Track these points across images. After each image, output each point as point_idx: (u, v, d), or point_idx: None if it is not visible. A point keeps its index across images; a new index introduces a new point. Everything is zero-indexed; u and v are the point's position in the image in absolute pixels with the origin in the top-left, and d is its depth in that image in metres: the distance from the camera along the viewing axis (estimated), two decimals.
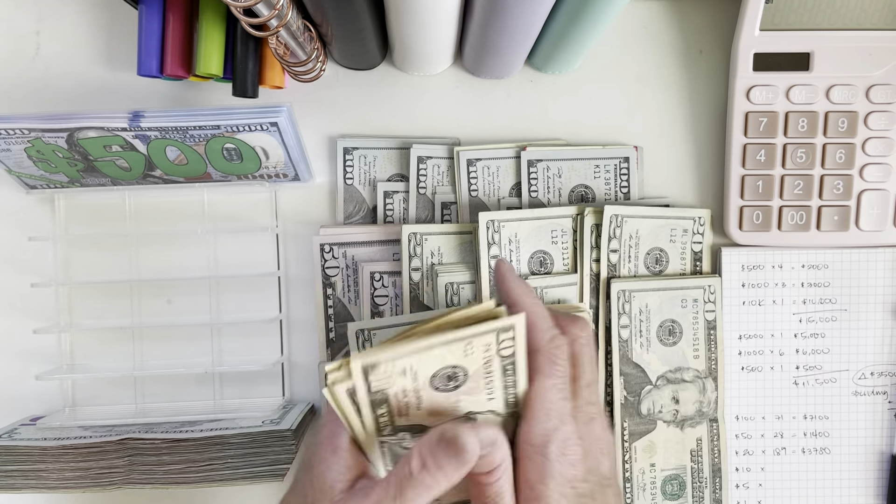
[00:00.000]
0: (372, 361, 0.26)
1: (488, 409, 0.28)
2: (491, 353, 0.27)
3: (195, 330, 0.46)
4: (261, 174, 0.44)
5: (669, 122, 0.47)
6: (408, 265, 0.44)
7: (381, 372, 0.26)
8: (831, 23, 0.43)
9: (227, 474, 0.41)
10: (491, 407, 0.28)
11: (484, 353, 0.27)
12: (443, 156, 0.46)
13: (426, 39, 0.40)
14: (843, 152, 0.44)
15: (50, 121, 0.39)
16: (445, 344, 0.26)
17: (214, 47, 0.42)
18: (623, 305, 0.44)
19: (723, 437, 0.45)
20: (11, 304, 0.46)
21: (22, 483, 0.41)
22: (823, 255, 0.46)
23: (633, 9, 0.46)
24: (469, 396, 0.28)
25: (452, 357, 0.27)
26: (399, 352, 0.26)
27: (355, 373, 0.26)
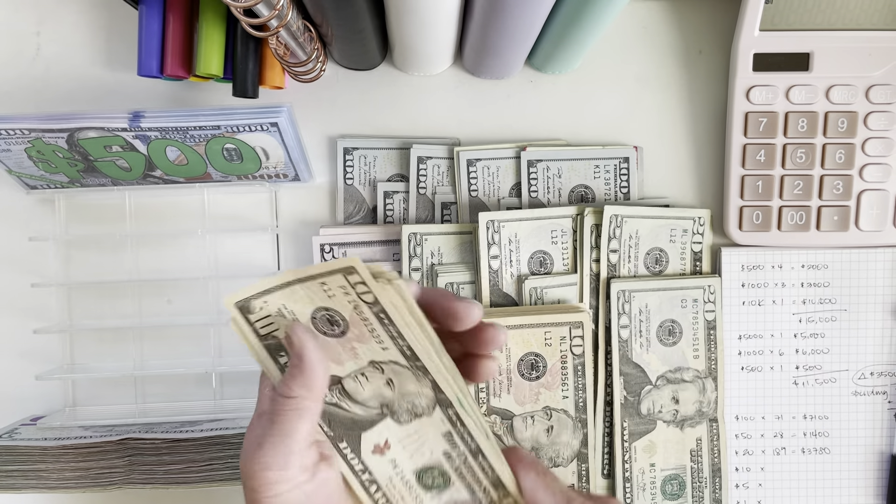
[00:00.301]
0: (243, 296, 0.27)
1: (388, 359, 0.29)
2: (353, 298, 0.27)
3: (195, 330, 0.46)
4: (261, 174, 0.44)
5: (669, 122, 0.47)
6: (408, 265, 0.44)
7: (257, 311, 0.28)
8: (831, 23, 0.43)
9: (227, 474, 0.41)
10: (391, 357, 0.29)
11: (346, 297, 0.27)
12: (443, 156, 0.46)
13: (426, 39, 0.40)
14: (842, 152, 0.44)
15: (50, 121, 0.39)
16: (300, 280, 0.27)
17: (214, 47, 0.42)
18: (623, 305, 0.44)
19: (722, 437, 0.45)
20: (11, 304, 0.46)
21: (22, 483, 0.41)
22: (823, 256, 0.46)
23: (632, 9, 0.46)
24: (362, 344, 0.28)
25: (318, 298, 0.27)
26: (262, 285, 0.27)
27: (234, 314, 0.28)
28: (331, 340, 0.28)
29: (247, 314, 0.28)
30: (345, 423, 0.30)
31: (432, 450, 0.30)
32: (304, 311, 0.28)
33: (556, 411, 0.43)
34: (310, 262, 0.46)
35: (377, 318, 0.27)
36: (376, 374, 0.29)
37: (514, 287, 0.44)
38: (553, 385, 0.43)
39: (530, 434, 0.43)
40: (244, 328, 0.28)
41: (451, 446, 0.29)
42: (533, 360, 0.43)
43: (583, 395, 0.43)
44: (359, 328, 0.28)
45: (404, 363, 0.28)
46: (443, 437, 0.29)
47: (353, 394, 0.30)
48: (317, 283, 0.27)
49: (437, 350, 0.28)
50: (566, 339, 0.43)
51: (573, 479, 0.44)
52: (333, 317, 0.28)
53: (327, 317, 0.28)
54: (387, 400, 0.30)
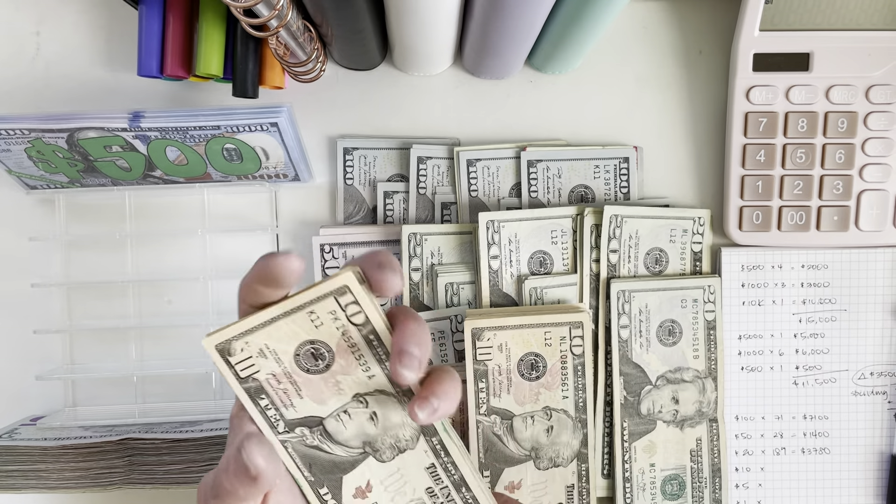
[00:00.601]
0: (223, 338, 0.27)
1: (374, 388, 0.28)
2: (343, 322, 0.27)
3: (195, 330, 0.46)
4: (261, 174, 0.44)
5: (669, 122, 0.47)
6: (408, 265, 0.44)
7: (238, 354, 0.27)
8: (831, 23, 0.43)
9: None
10: (376, 386, 0.28)
11: (334, 323, 0.27)
12: (443, 156, 0.46)
13: (426, 39, 0.40)
14: (842, 152, 0.44)
15: (50, 121, 0.39)
16: (286, 314, 0.26)
17: (214, 48, 0.42)
18: (623, 305, 0.44)
19: (722, 437, 0.45)
20: (12, 305, 0.46)
21: (22, 483, 0.41)
22: (823, 256, 0.46)
23: (632, 9, 0.46)
24: (347, 376, 0.28)
25: (303, 330, 0.27)
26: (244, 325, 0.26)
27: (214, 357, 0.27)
28: (314, 378, 0.28)
29: (227, 356, 0.27)
30: (325, 467, 0.29)
31: (415, 488, 0.29)
32: (286, 350, 0.27)
33: (555, 411, 0.43)
34: (310, 262, 0.46)
35: (366, 341, 0.27)
36: (359, 409, 0.29)
37: (514, 287, 0.44)
38: (553, 385, 0.43)
39: (530, 434, 0.43)
40: (224, 370, 0.27)
41: (434, 481, 0.29)
42: (533, 360, 0.43)
43: (583, 395, 0.43)
44: (345, 358, 0.28)
45: (390, 390, 0.28)
46: (426, 472, 0.29)
47: (334, 434, 0.29)
48: (304, 312, 0.26)
49: None
50: (566, 339, 0.43)
51: (573, 479, 0.44)
52: (319, 349, 0.27)
53: (311, 351, 0.27)
54: (370, 437, 0.29)
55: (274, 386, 0.28)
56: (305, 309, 0.26)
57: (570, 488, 0.44)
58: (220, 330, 0.27)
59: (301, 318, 0.27)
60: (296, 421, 0.29)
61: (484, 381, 0.42)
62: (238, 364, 0.27)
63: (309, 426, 0.29)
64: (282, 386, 0.28)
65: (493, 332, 0.42)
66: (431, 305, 0.45)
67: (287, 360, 0.28)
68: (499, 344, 0.42)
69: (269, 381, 0.28)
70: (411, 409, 0.26)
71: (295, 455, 0.29)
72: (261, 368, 0.28)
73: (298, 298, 0.26)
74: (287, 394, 0.28)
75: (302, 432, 0.29)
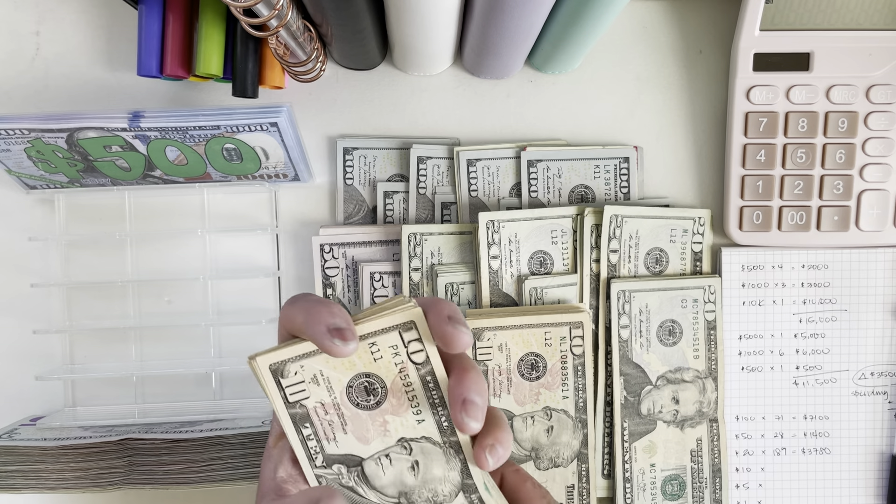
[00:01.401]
0: (279, 358, 0.25)
1: (422, 434, 0.27)
2: (402, 359, 0.26)
3: (195, 330, 0.46)
4: (261, 174, 0.44)
5: (669, 122, 0.47)
6: (408, 265, 0.44)
7: (292, 377, 0.26)
8: (831, 23, 0.43)
9: (227, 474, 0.41)
10: (424, 432, 0.27)
11: (394, 358, 0.26)
12: (443, 156, 0.46)
13: (426, 39, 0.40)
14: (843, 152, 0.44)
15: (50, 121, 0.39)
16: None
17: (214, 47, 0.42)
18: (623, 305, 0.44)
19: (723, 438, 0.45)
20: (11, 305, 0.46)
21: (22, 483, 0.41)
22: (823, 256, 0.46)
23: (632, 9, 0.46)
24: (395, 417, 0.27)
25: (362, 362, 0.26)
26: (304, 347, 0.25)
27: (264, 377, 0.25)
28: (362, 414, 0.27)
29: (279, 377, 0.26)
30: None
31: None
32: (341, 379, 0.26)
33: (556, 411, 0.43)
34: (310, 262, 0.46)
35: (422, 382, 0.26)
36: (402, 455, 0.28)
37: (514, 287, 0.44)
38: (553, 385, 0.43)
39: (530, 434, 0.43)
40: (273, 392, 0.26)
41: None
42: (533, 361, 0.43)
43: (583, 395, 0.43)
44: (397, 397, 0.26)
45: (437, 439, 0.27)
46: None
47: (371, 478, 0.28)
48: (366, 343, 0.25)
49: None
50: (566, 340, 0.43)
51: (573, 480, 0.44)
52: (372, 384, 0.26)
53: (365, 385, 0.26)
54: (407, 488, 0.28)
55: (320, 416, 0.27)
56: (368, 340, 0.25)
57: (571, 488, 0.44)
58: (273, 350, 0.25)
59: (361, 348, 0.25)
60: (335, 457, 0.27)
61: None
62: (289, 387, 0.26)
63: (347, 465, 0.28)
64: (328, 417, 0.27)
65: (493, 332, 0.42)
66: None
67: (339, 390, 0.26)
68: (499, 344, 0.42)
69: (316, 409, 0.27)
70: (480, 457, 0.26)
71: None
72: (311, 395, 0.26)
73: (362, 327, 0.25)
74: (332, 426, 0.27)
75: (339, 470, 0.28)
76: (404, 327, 0.25)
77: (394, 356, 0.26)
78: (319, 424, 0.27)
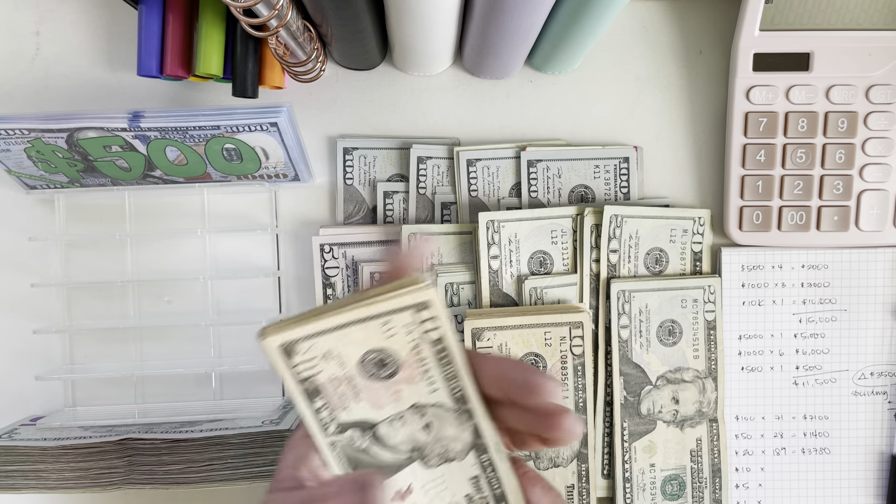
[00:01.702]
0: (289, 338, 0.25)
1: (433, 401, 0.27)
2: (416, 336, 0.26)
3: (195, 330, 0.46)
4: (261, 174, 0.44)
5: (669, 122, 0.47)
6: None
7: (302, 355, 0.26)
8: (831, 23, 0.43)
9: (227, 474, 0.41)
10: (435, 399, 0.27)
11: (407, 336, 0.26)
12: (443, 156, 0.46)
13: (426, 40, 0.40)
14: (842, 152, 0.44)
15: (50, 121, 0.39)
16: (360, 321, 0.25)
17: (214, 47, 0.42)
18: (623, 305, 0.44)
19: (722, 437, 0.45)
20: (11, 305, 0.46)
21: (22, 483, 0.41)
22: (823, 256, 0.46)
23: (632, 9, 0.46)
24: (409, 385, 0.27)
25: (374, 338, 0.26)
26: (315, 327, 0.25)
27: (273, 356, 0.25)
28: (375, 384, 0.27)
29: (289, 355, 0.26)
30: None
31: (454, 493, 0.29)
32: (353, 355, 0.26)
33: None
34: (310, 262, 0.46)
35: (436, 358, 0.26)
36: (415, 417, 0.28)
37: (514, 287, 0.44)
38: None
39: None
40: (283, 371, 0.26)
41: (475, 490, 0.28)
42: (533, 360, 0.43)
43: (583, 395, 0.43)
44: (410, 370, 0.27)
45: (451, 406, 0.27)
46: (469, 482, 0.28)
47: (384, 439, 0.28)
48: (379, 322, 0.25)
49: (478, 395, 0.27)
50: (566, 340, 0.43)
51: (573, 479, 0.44)
52: (385, 360, 0.27)
53: (378, 359, 0.27)
54: (419, 444, 0.28)
55: (332, 389, 0.27)
56: (381, 318, 0.25)
57: (570, 488, 0.44)
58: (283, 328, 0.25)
59: (374, 326, 0.25)
60: (348, 424, 0.28)
61: None
62: (300, 364, 0.26)
63: (361, 429, 0.28)
64: (340, 389, 0.27)
65: (493, 332, 0.42)
66: None
67: (351, 364, 0.26)
68: (499, 344, 0.42)
69: (328, 384, 0.27)
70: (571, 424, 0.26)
71: (342, 456, 0.28)
72: (322, 370, 0.26)
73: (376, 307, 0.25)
74: (344, 397, 0.27)
75: (352, 435, 0.28)
76: (420, 307, 0.25)
77: (408, 333, 0.26)
78: (331, 396, 0.27)
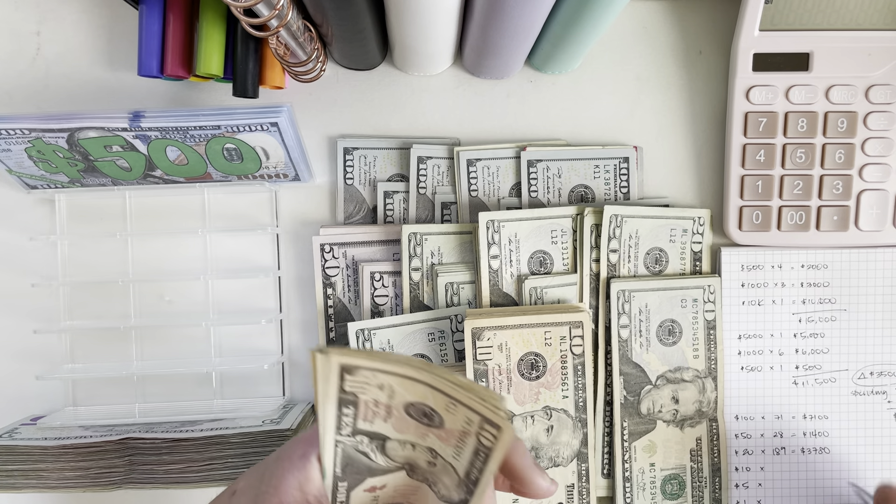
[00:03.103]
0: (353, 364, 0.26)
1: (448, 461, 0.28)
2: (469, 430, 0.26)
3: (195, 330, 0.46)
4: (261, 174, 0.44)
5: (669, 122, 0.47)
6: (408, 265, 0.44)
7: (359, 377, 0.26)
8: (831, 23, 0.43)
9: (227, 474, 0.41)
10: (451, 462, 0.28)
11: (463, 424, 0.26)
12: (443, 156, 0.46)
13: (426, 40, 0.40)
14: (842, 152, 0.44)
15: (50, 121, 0.39)
16: (430, 388, 0.26)
17: (215, 47, 0.42)
18: (623, 305, 0.44)
19: (722, 437, 0.45)
20: (12, 305, 0.46)
21: (22, 483, 0.41)
22: (823, 255, 0.46)
23: (632, 9, 0.46)
24: (437, 441, 0.28)
25: (434, 402, 0.26)
26: (385, 366, 0.26)
27: (332, 369, 0.26)
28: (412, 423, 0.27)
29: (345, 373, 0.26)
30: (359, 469, 0.29)
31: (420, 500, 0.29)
32: (406, 399, 0.27)
33: (555, 411, 0.43)
34: (310, 262, 0.46)
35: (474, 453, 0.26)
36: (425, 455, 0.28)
37: (514, 287, 0.44)
38: (553, 385, 0.43)
39: (530, 434, 0.43)
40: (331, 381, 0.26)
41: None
42: (533, 360, 0.43)
43: (583, 394, 0.43)
44: (448, 437, 0.27)
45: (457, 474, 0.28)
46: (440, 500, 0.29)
47: (389, 451, 0.29)
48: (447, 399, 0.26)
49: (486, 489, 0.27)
50: (566, 339, 0.43)
51: (573, 479, 0.44)
52: (433, 416, 0.27)
53: (426, 411, 0.27)
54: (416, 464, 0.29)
55: (368, 406, 0.27)
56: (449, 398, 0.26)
57: (570, 488, 0.44)
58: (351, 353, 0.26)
59: (440, 398, 0.26)
60: (363, 431, 0.28)
61: (484, 380, 0.42)
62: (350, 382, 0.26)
63: (371, 438, 0.28)
64: (375, 409, 0.27)
65: (493, 332, 0.42)
66: (431, 305, 0.45)
67: (399, 402, 0.27)
68: (499, 344, 0.42)
69: (367, 402, 0.27)
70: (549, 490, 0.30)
71: (340, 454, 0.28)
72: (368, 393, 0.27)
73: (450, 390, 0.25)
74: (375, 415, 0.27)
75: (360, 439, 0.28)
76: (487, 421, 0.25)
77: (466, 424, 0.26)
78: (363, 410, 0.27)
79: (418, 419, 0.27)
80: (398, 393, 0.27)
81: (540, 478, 0.30)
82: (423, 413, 0.27)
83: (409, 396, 0.27)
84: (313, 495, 0.27)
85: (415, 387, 0.26)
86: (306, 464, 0.28)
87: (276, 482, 0.28)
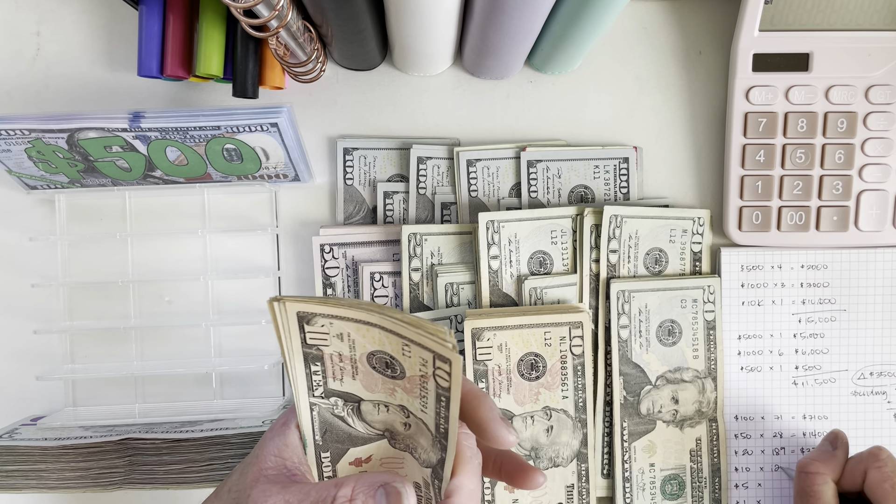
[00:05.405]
0: (308, 310, 0.26)
1: (419, 416, 0.28)
2: (427, 372, 0.26)
3: (195, 330, 0.46)
4: (261, 175, 0.44)
5: (669, 122, 0.47)
6: (408, 265, 0.44)
7: (317, 327, 0.26)
8: (831, 23, 0.43)
9: (227, 474, 0.41)
10: (421, 417, 0.28)
11: (420, 367, 0.26)
12: (443, 156, 0.46)
13: (426, 40, 0.40)
14: (842, 153, 0.44)
15: (50, 121, 0.39)
16: (384, 330, 0.26)
17: (214, 48, 0.42)
18: (623, 305, 0.44)
19: (722, 437, 0.45)
20: (12, 305, 0.46)
21: (22, 483, 0.41)
22: (823, 256, 0.46)
23: (632, 9, 0.46)
24: (405, 394, 0.28)
25: (391, 348, 0.26)
26: (338, 311, 0.26)
27: (290, 318, 0.26)
28: (376, 375, 0.27)
29: (304, 323, 0.26)
30: (339, 437, 0.29)
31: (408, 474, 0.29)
32: (365, 346, 0.27)
33: (555, 411, 0.43)
34: (310, 262, 0.46)
35: (436, 398, 0.26)
36: (399, 413, 0.28)
37: (513, 287, 0.44)
38: (553, 385, 0.43)
39: (530, 434, 0.43)
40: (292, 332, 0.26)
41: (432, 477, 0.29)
42: (533, 360, 0.43)
43: (582, 395, 0.43)
44: (412, 385, 0.27)
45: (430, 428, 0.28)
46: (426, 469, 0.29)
47: (365, 415, 0.29)
48: (401, 340, 0.26)
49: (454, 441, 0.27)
50: (566, 340, 0.43)
51: (573, 479, 0.44)
52: (394, 365, 0.27)
53: (387, 361, 0.27)
54: (394, 430, 0.29)
55: (334, 362, 0.27)
56: (403, 340, 0.26)
57: (570, 488, 0.44)
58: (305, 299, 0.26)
59: (394, 340, 0.26)
60: (336, 392, 0.28)
61: (484, 381, 0.42)
62: (311, 333, 0.27)
63: (345, 400, 0.28)
64: (342, 364, 0.27)
65: (493, 332, 0.42)
66: (431, 305, 0.45)
67: (360, 353, 0.27)
68: (499, 344, 0.42)
69: (332, 356, 0.27)
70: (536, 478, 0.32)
71: (317, 419, 0.29)
72: (331, 345, 0.27)
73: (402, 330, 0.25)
74: (342, 371, 0.28)
75: (335, 402, 0.28)
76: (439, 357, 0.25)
77: (421, 366, 0.26)
78: (330, 366, 0.28)
79: (382, 371, 0.27)
80: (358, 343, 0.27)
81: (504, 430, 0.29)
82: (385, 364, 0.27)
83: (367, 345, 0.27)
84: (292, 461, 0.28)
85: (370, 332, 0.26)
86: (286, 430, 0.28)
87: (258, 450, 0.28)
